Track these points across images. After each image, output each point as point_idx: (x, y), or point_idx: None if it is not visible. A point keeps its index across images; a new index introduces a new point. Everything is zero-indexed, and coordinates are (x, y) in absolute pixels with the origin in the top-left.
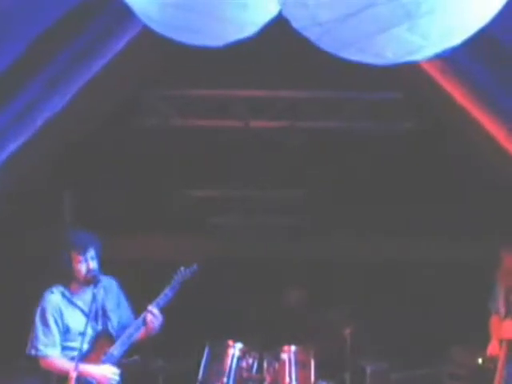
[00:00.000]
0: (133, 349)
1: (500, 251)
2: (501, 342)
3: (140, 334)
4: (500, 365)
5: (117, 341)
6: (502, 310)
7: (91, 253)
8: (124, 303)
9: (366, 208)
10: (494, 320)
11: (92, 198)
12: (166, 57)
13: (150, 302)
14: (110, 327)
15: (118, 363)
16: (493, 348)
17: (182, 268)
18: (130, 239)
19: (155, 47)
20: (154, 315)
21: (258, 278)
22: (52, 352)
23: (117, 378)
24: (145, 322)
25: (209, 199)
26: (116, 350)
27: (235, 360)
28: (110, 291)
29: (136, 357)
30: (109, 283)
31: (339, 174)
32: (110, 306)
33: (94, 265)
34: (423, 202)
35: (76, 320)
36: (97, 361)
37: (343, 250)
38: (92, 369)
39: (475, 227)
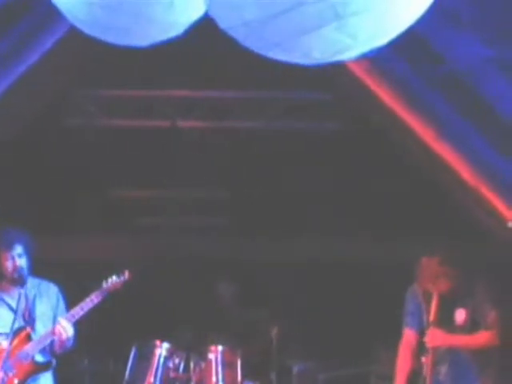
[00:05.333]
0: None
1: (422, 255)
2: (427, 350)
3: (54, 341)
4: (428, 372)
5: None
6: (426, 317)
7: (18, 250)
8: (62, 309)
9: (291, 208)
10: (408, 336)
11: (18, 199)
12: (92, 57)
13: (73, 304)
14: (32, 327)
15: (32, 362)
16: None
17: (114, 276)
18: (56, 240)
19: (82, 47)
20: (62, 327)
21: (184, 278)
22: None
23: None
24: (53, 332)
25: (135, 199)
26: (31, 348)
27: (162, 360)
28: (46, 295)
29: (52, 359)
30: (46, 287)
31: (266, 174)
32: (42, 308)
33: (21, 262)
34: (350, 202)
35: (2, 316)
36: (12, 357)
37: (269, 251)
38: None
39: (400, 228)
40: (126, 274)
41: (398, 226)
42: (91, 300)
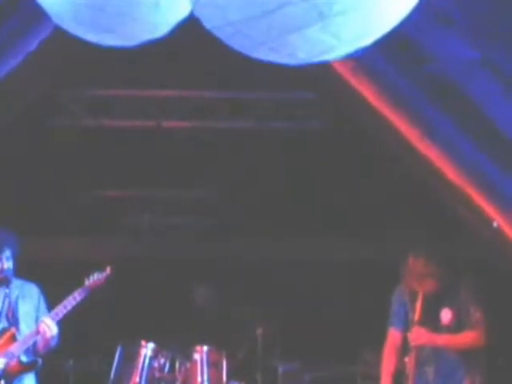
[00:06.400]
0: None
1: (408, 255)
2: (410, 350)
3: (38, 341)
4: (411, 372)
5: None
6: (411, 316)
7: (7, 253)
8: (44, 309)
9: (278, 208)
10: (393, 337)
11: (2, 199)
12: (78, 57)
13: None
14: (16, 328)
15: (18, 362)
16: None
17: (96, 273)
18: (44, 241)
19: (67, 47)
20: (47, 325)
21: (170, 277)
22: None
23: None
24: (38, 332)
25: (121, 199)
26: (16, 349)
27: (147, 360)
28: (28, 296)
29: (38, 359)
30: (29, 288)
31: (254, 174)
32: (25, 309)
33: (8, 265)
34: (337, 201)
35: None
36: None
37: (255, 251)
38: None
39: (386, 228)
40: (108, 269)
41: (384, 225)
42: (74, 298)
